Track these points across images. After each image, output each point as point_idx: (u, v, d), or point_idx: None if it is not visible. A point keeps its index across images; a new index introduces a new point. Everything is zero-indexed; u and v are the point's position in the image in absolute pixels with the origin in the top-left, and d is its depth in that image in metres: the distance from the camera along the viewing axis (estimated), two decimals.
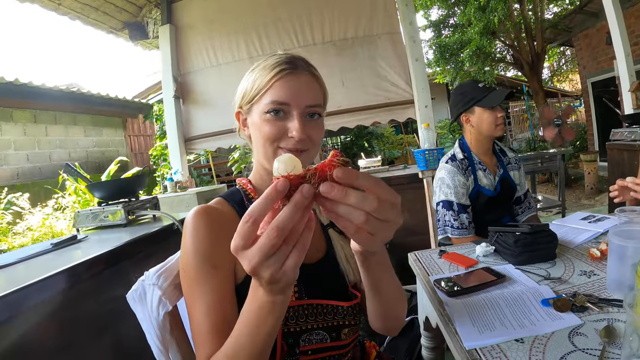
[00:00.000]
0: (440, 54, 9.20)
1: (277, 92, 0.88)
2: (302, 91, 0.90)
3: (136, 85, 13.44)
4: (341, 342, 0.94)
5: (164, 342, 0.95)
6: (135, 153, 9.27)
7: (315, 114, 0.92)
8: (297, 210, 0.50)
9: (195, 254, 0.85)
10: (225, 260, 0.87)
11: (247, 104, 0.95)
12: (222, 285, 0.85)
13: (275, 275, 0.53)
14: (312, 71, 0.94)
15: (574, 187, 7.49)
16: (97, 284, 1.49)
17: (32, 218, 4.76)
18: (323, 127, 0.96)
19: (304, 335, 0.89)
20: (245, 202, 0.97)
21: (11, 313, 1.11)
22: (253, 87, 0.92)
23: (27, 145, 6.39)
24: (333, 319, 0.93)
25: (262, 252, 0.51)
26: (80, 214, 2.12)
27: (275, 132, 0.89)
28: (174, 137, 4.13)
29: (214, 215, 0.91)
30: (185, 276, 0.86)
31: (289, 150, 0.89)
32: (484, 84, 2.02)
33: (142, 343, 0.95)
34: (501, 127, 1.97)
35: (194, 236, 0.87)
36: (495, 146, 2.14)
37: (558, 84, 15.49)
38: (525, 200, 2.18)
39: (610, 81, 7.45)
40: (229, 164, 6.26)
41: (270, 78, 0.89)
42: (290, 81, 0.89)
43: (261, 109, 0.90)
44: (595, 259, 1.30)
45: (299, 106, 0.89)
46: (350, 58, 3.86)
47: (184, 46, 4.22)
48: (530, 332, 0.90)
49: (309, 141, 0.91)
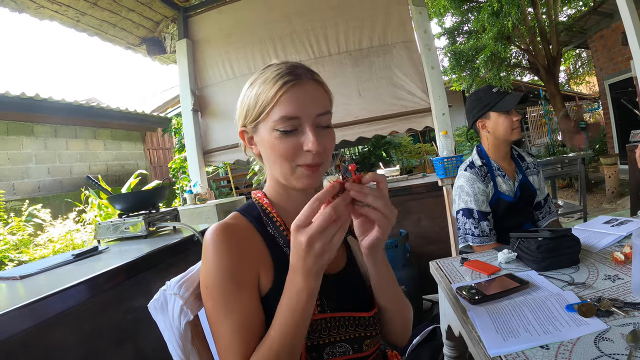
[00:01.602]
0: (455, 61, 9.15)
1: (286, 107, 0.85)
2: (310, 101, 0.87)
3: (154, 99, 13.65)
4: (363, 353, 0.93)
5: (185, 352, 0.95)
6: (154, 166, 9.40)
7: (326, 126, 0.91)
8: (344, 201, 0.73)
9: (219, 274, 0.85)
10: (248, 277, 0.87)
11: (252, 122, 0.91)
12: (248, 303, 0.85)
13: (324, 247, 0.71)
14: (316, 77, 0.91)
15: (594, 191, 7.35)
16: (118, 294, 1.51)
17: (53, 230, 4.85)
18: (334, 135, 0.95)
19: (327, 349, 0.89)
20: (262, 217, 0.96)
21: (33, 322, 1.13)
22: (257, 103, 0.89)
23: (48, 158, 6.52)
24: (355, 330, 0.93)
25: (320, 227, 0.70)
26: (101, 226, 2.15)
27: (290, 149, 0.86)
28: (192, 150, 4.17)
29: (234, 232, 0.90)
30: (210, 296, 0.85)
31: (308, 167, 0.88)
32: (498, 89, 2.00)
33: (163, 353, 0.96)
34: (517, 130, 1.95)
35: (216, 256, 0.86)
36: (513, 151, 2.11)
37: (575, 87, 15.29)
38: (546, 205, 2.13)
39: (628, 82, 7.33)
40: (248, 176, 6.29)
41: (275, 93, 0.85)
42: (296, 93, 0.86)
43: (270, 126, 0.87)
44: (620, 262, 1.27)
45: (310, 117, 0.86)
46: (366, 68, 3.87)
47: (201, 60, 4.28)
48: (556, 339, 0.88)
49: (324, 154, 0.90)
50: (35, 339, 1.14)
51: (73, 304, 1.27)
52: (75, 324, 1.30)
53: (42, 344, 1.16)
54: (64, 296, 1.23)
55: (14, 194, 5.81)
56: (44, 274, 1.52)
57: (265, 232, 0.94)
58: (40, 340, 1.15)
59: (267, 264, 0.90)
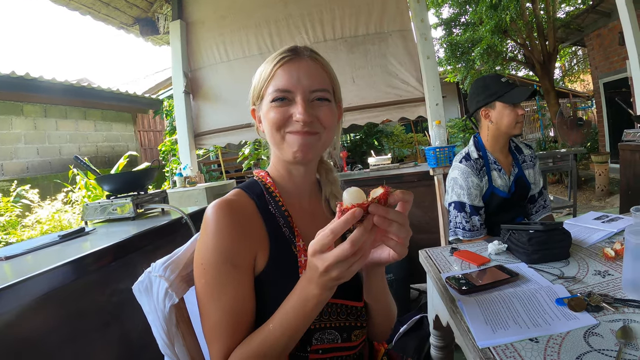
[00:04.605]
0: (451, 52, 9.15)
1: (279, 79, 0.89)
2: (304, 76, 0.90)
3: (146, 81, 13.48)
4: (351, 343, 0.93)
5: (169, 335, 0.93)
6: (145, 148, 9.32)
7: (322, 99, 0.91)
8: (366, 232, 0.68)
9: (217, 253, 0.84)
10: (246, 257, 0.87)
11: (257, 99, 0.96)
12: (242, 284, 0.85)
13: (342, 274, 0.69)
14: (315, 57, 0.94)
15: (584, 188, 7.40)
16: (104, 276, 1.48)
17: (42, 211, 4.79)
18: (335, 112, 0.95)
19: (317, 334, 0.88)
20: (265, 195, 0.96)
21: (18, 303, 1.10)
22: (259, 80, 0.94)
23: (37, 139, 6.43)
24: (346, 319, 0.93)
25: (337, 259, 0.67)
26: (89, 207, 2.12)
27: (279, 117, 0.89)
28: (183, 133, 4.13)
29: (236, 210, 0.89)
30: (203, 273, 0.85)
31: (296, 133, 0.89)
32: (507, 79, 1.94)
33: (148, 336, 0.94)
34: (520, 125, 1.91)
35: (216, 233, 0.85)
36: (511, 143, 2.07)
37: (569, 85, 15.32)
38: (540, 198, 2.09)
39: (623, 82, 7.35)
40: (238, 160, 6.25)
41: (272, 67, 0.90)
42: (291, 67, 0.90)
43: (267, 100, 0.91)
44: (610, 258, 1.27)
45: (303, 91, 0.89)
46: (361, 55, 3.83)
47: (195, 42, 4.21)
48: (545, 332, 0.87)
49: (318, 123, 0.90)
50: (20, 320, 1.11)
51: (58, 285, 1.25)
52: (60, 305, 1.27)
53: (26, 325, 1.13)
54: (48, 277, 1.21)
55: (2, 174, 5.73)
56: (30, 254, 1.49)
57: (266, 210, 0.93)
58: (25, 322, 1.13)
59: (264, 244, 0.90)
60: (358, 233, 0.67)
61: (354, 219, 0.67)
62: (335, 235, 0.67)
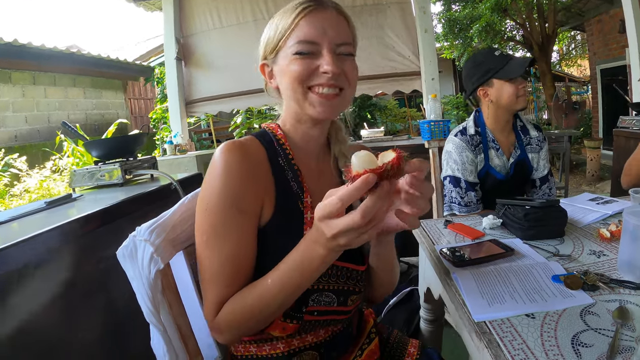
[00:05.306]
0: (449, 28, 9.00)
1: (303, 30, 0.82)
2: (330, 27, 0.83)
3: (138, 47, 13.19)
4: (346, 307, 0.91)
5: (154, 303, 0.89)
6: (135, 116, 9.18)
7: (347, 53, 0.86)
8: (379, 201, 0.60)
9: (223, 196, 0.81)
10: (253, 203, 0.83)
11: (271, 52, 0.88)
12: (246, 232, 0.82)
13: (350, 242, 0.63)
14: (339, 8, 0.88)
15: (575, 172, 7.44)
16: (91, 242, 1.45)
17: (30, 180, 4.71)
18: (357, 67, 0.90)
19: (314, 295, 0.86)
20: (275, 144, 0.91)
21: (2, 270, 1.06)
22: (276, 32, 0.86)
23: (25, 107, 6.32)
24: (345, 282, 0.91)
25: (346, 227, 0.61)
26: (77, 173, 2.06)
27: (303, 70, 0.82)
28: (174, 100, 4.07)
29: (247, 153, 0.85)
30: (206, 215, 0.82)
31: (323, 86, 0.83)
32: (501, 52, 1.83)
33: (134, 304, 0.90)
34: (523, 98, 1.80)
35: (224, 175, 0.81)
36: (518, 122, 1.95)
37: (566, 69, 15.25)
38: (545, 185, 1.96)
39: (621, 69, 7.31)
40: (230, 129, 6.18)
41: (294, 17, 0.82)
42: (316, 17, 0.83)
43: (288, 52, 0.84)
44: (605, 239, 1.25)
45: (329, 43, 0.83)
46: (358, 25, 3.68)
47: (188, 7, 4.11)
48: (542, 308, 0.85)
49: (345, 78, 0.85)
50: (3, 289, 1.08)
51: (43, 252, 1.21)
52: (45, 272, 1.23)
53: (10, 293, 1.10)
54: (33, 243, 1.17)
55: None
56: (15, 221, 1.44)
57: (275, 161, 0.89)
58: (9, 289, 1.09)
59: (271, 195, 0.86)
60: (370, 202, 0.60)
61: (366, 186, 0.59)
62: (345, 203, 0.60)
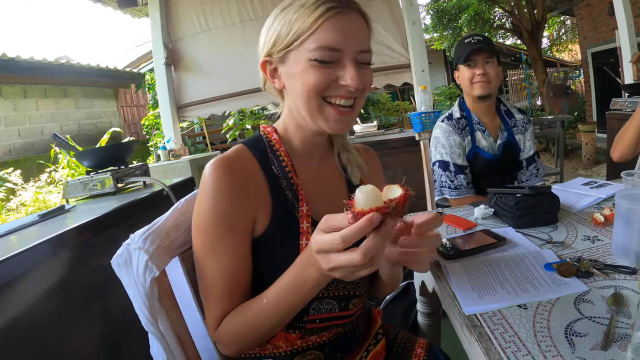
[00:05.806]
0: (437, 18, 9.01)
1: (326, 35, 0.75)
2: (353, 34, 0.78)
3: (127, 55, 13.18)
4: (348, 312, 0.91)
5: (152, 311, 0.89)
6: (128, 124, 9.16)
7: (367, 62, 0.82)
8: (382, 240, 0.59)
9: (213, 214, 0.80)
10: (243, 221, 0.82)
11: (281, 50, 0.80)
12: (238, 248, 0.82)
13: (346, 277, 0.63)
14: (361, 9, 0.82)
15: (570, 157, 7.45)
16: (85, 252, 1.44)
17: (26, 194, 4.70)
18: (372, 76, 0.86)
19: (314, 304, 0.85)
20: (268, 153, 0.88)
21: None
22: (291, 30, 0.78)
23: (17, 120, 6.31)
24: (345, 287, 0.90)
25: (345, 264, 0.60)
26: (69, 184, 2.06)
27: (324, 81, 0.77)
28: (166, 105, 4.05)
29: (236, 169, 0.82)
30: (200, 233, 0.82)
31: (340, 98, 0.80)
32: (470, 39, 1.90)
33: (131, 313, 0.90)
34: (479, 85, 1.86)
35: (213, 194, 0.80)
36: (502, 106, 2.03)
37: (557, 54, 15.26)
38: (532, 166, 2.03)
39: (611, 52, 7.29)
40: (223, 131, 6.17)
41: (316, 18, 0.75)
42: (340, 22, 0.76)
43: (305, 56, 0.77)
44: (599, 224, 1.25)
45: (352, 51, 0.78)
46: None
47: (174, 11, 4.08)
48: (534, 298, 0.85)
49: (362, 90, 0.81)
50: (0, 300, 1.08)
51: (38, 264, 1.21)
52: (40, 284, 1.24)
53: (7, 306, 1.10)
54: (27, 256, 1.17)
55: None
56: (9, 236, 1.44)
57: (269, 170, 0.87)
58: (6, 302, 1.09)
59: (266, 205, 0.85)
60: (372, 243, 0.59)
61: (371, 226, 0.57)
62: (346, 243, 0.58)
